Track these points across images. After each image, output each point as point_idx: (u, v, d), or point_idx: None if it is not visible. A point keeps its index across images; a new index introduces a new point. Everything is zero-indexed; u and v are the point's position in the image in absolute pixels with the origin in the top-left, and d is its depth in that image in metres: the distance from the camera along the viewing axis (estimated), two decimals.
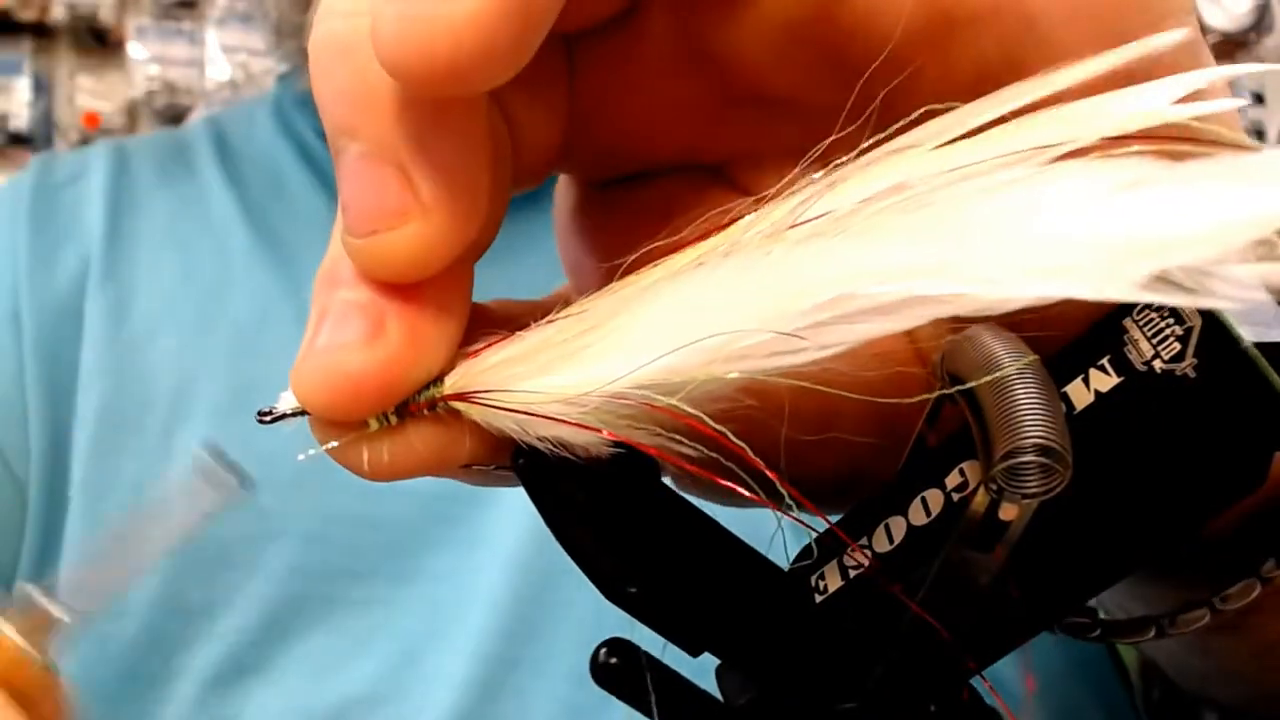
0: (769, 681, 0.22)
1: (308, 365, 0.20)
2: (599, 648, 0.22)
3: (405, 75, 0.18)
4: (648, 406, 0.19)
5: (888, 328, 0.17)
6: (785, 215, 0.19)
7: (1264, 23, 1.70)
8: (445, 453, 0.21)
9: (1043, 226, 0.16)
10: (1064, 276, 0.16)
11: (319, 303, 0.21)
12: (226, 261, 0.60)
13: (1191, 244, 0.15)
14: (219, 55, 1.75)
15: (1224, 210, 0.15)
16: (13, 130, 1.72)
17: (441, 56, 0.18)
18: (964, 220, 0.17)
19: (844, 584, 0.22)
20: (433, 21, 0.18)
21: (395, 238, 0.19)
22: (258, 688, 0.50)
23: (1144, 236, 0.15)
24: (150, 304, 0.59)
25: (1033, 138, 0.18)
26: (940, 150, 0.19)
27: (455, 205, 0.20)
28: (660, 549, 0.21)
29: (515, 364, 0.20)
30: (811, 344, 0.17)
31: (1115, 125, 0.18)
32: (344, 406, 0.20)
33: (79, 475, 0.54)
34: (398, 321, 0.20)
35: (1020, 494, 0.19)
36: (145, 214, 0.63)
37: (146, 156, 0.66)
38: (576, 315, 0.20)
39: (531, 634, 0.50)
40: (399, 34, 0.18)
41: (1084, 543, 0.22)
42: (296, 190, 0.63)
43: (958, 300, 0.16)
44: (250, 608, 0.51)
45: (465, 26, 0.18)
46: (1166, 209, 0.15)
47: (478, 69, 0.18)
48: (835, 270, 0.17)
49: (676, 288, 0.19)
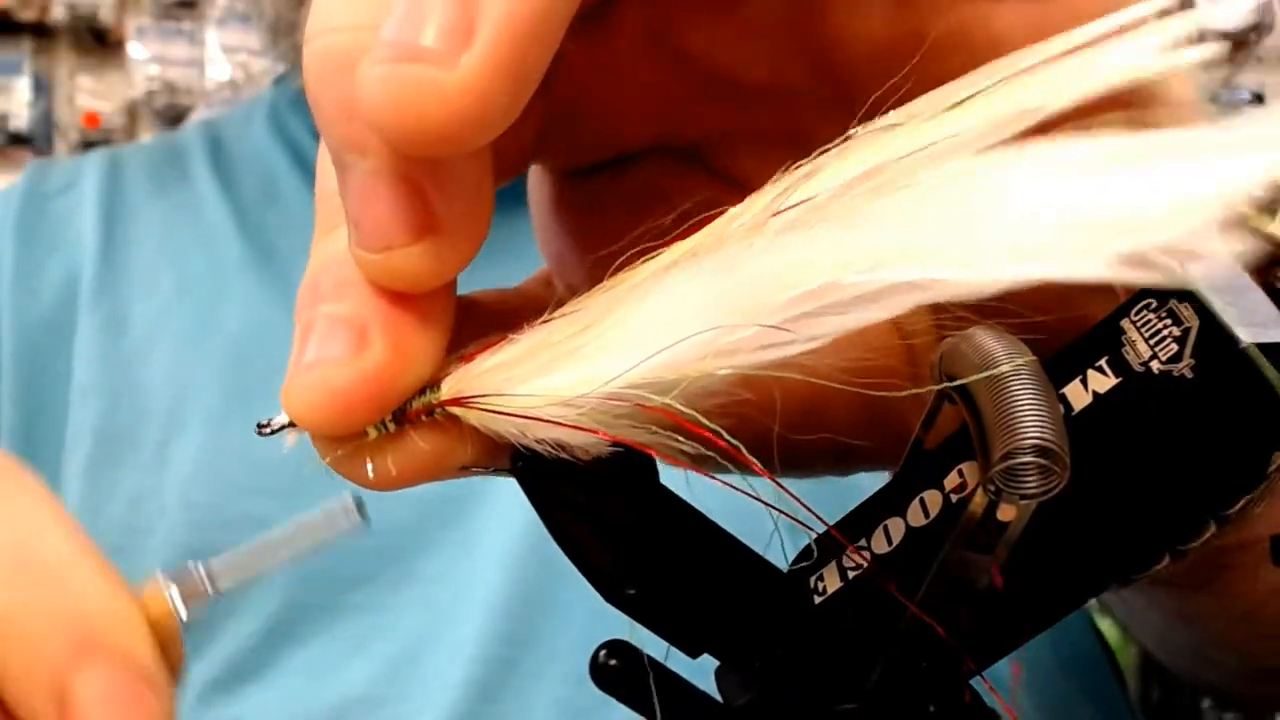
0: (768, 682, 0.22)
1: (296, 384, 0.20)
2: (598, 649, 0.22)
3: (393, 139, 0.18)
4: (641, 406, 0.19)
5: (872, 316, 0.17)
6: (766, 206, 0.19)
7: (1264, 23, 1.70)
8: (445, 458, 0.21)
9: (1015, 209, 0.16)
10: (1036, 258, 0.16)
11: (302, 318, 0.20)
12: (221, 271, 0.60)
13: (1159, 223, 0.15)
14: (219, 55, 1.75)
15: (1189, 187, 0.15)
16: (13, 130, 1.72)
17: (432, 123, 0.17)
18: (940, 204, 0.17)
19: (843, 585, 0.22)
20: (422, 86, 0.17)
21: (410, 254, 0.19)
22: (256, 691, 0.50)
23: (1113, 216, 0.15)
24: (146, 317, 0.59)
25: (1015, 102, 0.18)
26: (920, 126, 0.19)
27: (469, 222, 0.20)
28: (659, 550, 0.21)
29: (511, 367, 0.20)
30: (799, 335, 0.17)
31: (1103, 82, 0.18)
32: (336, 421, 0.20)
33: (76, 491, 0.54)
34: (381, 331, 0.20)
35: (1018, 495, 0.19)
36: (139, 224, 0.63)
37: (140, 165, 0.66)
38: (569, 316, 0.20)
39: (529, 636, 0.50)
40: (388, 99, 0.17)
41: (1083, 543, 0.22)
42: (290, 195, 0.63)
43: (937, 286, 0.16)
44: (249, 614, 0.51)
45: (458, 95, 0.17)
46: (1133, 187, 0.16)
47: (470, 133, 0.18)
48: (817, 259, 0.17)
49: (664, 285, 0.19)
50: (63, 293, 0.60)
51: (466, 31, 0.17)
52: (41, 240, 0.61)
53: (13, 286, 0.59)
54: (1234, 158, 0.15)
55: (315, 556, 0.24)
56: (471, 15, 0.17)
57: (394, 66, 0.17)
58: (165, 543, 0.52)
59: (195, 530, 0.52)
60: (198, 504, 0.53)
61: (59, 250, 0.61)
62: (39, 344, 0.58)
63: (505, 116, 0.18)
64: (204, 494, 0.53)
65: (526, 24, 0.18)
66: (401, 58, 0.17)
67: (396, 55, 0.17)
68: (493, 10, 0.17)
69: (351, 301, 0.20)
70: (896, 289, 0.17)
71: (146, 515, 0.53)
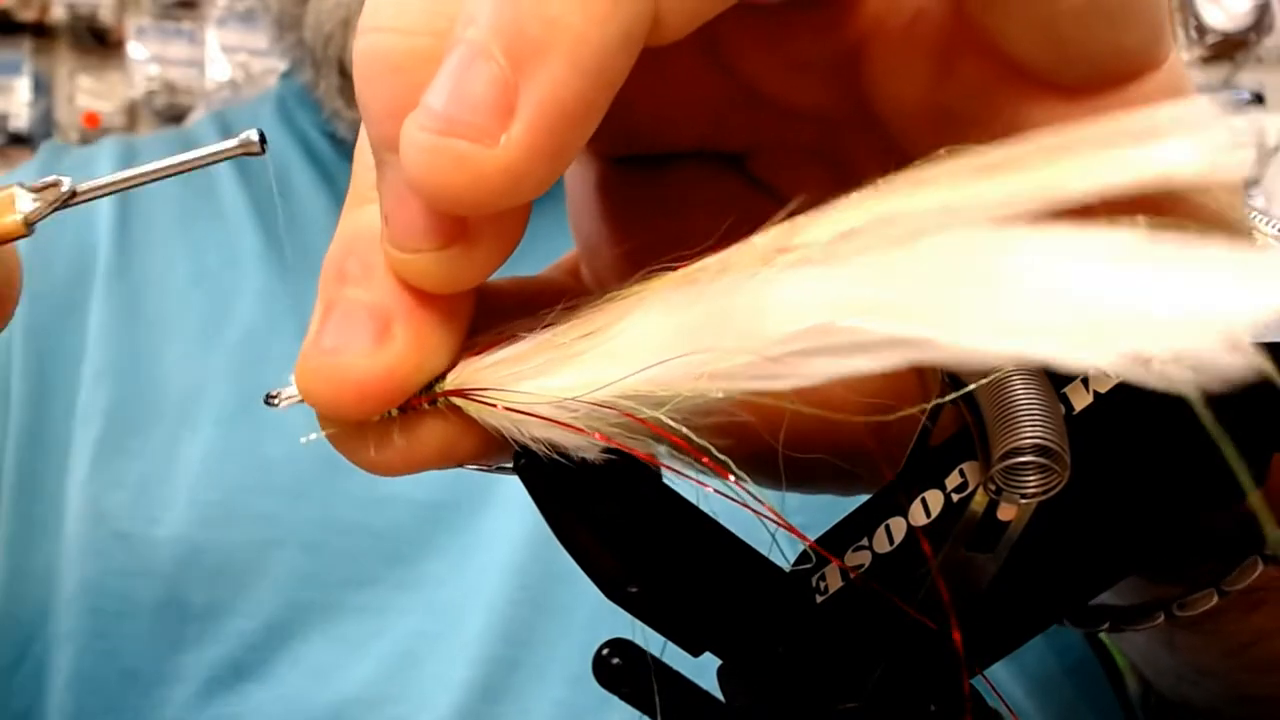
0: (770, 681, 0.22)
1: (312, 364, 0.20)
2: (601, 647, 0.22)
3: (430, 201, 0.19)
4: (630, 418, 0.19)
5: (865, 367, 0.17)
6: (778, 238, 0.19)
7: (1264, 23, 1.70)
8: (446, 447, 0.21)
9: (1026, 285, 0.16)
10: (1038, 338, 0.15)
11: (325, 295, 0.21)
12: (237, 262, 0.60)
13: (1168, 332, 0.15)
14: (219, 55, 1.75)
15: (1205, 305, 0.15)
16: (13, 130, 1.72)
17: (469, 193, 0.18)
18: (950, 266, 0.17)
19: (845, 584, 0.22)
20: (463, 161, 0.18)
21: (438, 259, 0.19)
22: (257, 690, 0.50)
23: (1123, 313, 0.15)
24: (162, 305, 0.59)
25: (1043, 180, 0.18)
26: (944, 184, 0.19)
27: (499, 233, 0.20)
28: (661, 549, 0.21)
29: (514, 364, 0.20)
30: (793, 373, 0.17)
31: (1125, 177, 0.18)
32: (348, 408, 0.20)
33: (84, 469, 0.54)
34: (405, 327, 0.20)
35: (1019, 494, 0.19)
36: (156, 207, 0.62)
37: (156, 151, 0.66)
38: (576, 320, 0.20)
39: (530, 637, 0.50)
40: (429, 167, 0.18)
41: (1083, 543, 0.22)
42: (302, 190, 0.63)
43: (933, 348, 0.16)
44: (251, 613, 0.51)
45: (496, 173, 0.18)
46: (1151, 291, 0.15)
47: (504, 201, 0.18)
48: (818, 299, 0.17)
49: (670, 301, 0.20)
50: (75, 269, 0.59)
51: (508, 108, 0.18)
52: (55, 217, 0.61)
53: (25, 260, 0.59)
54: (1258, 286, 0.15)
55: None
56: (514, 94, 0.18)
57: (437, 138, 0.18)
58: (173, 536, 0.52)
59: (203, 526, 0.52)
60: (206, 502, 0.53)
61: (72, 226, 0.60)
62: (51, 318, 0.58)
63: (540, 189, 0.18)
64: (212, 493, 0.53)
65: (567, 107, 0.18)
66: (444, 130, 0.18)
67: (439, 127, 0.18)
68: (535, 91, 0.18)
69: (378, 291, 0.20)
70: (895, 343, 0.16)
71: (154, 505, 0.53)
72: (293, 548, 0.52)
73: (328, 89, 0.60)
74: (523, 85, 0.18)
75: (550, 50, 0.18)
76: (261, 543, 0.52)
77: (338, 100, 0.60)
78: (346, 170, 0.76)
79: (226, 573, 0.52)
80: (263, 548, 0.52)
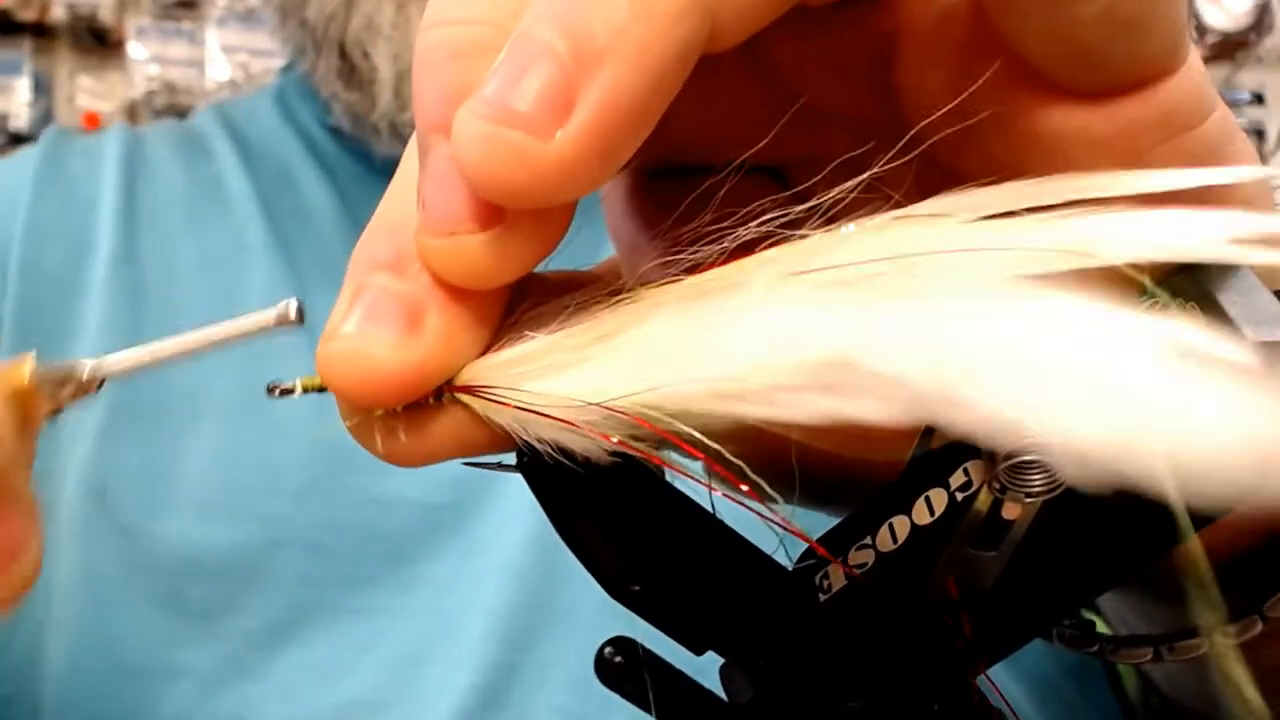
0: (773, 680, 0.22)
1: (337, 348, 0.20)
2: (604, 646, 0.22)
3: (480, 188, 0.19)
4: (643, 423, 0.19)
5: (875, 415, 0.16)
6: (801, 256, 0.19)
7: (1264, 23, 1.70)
8: (452, 441, 0.21)
9: (1048, 362, 0.15)
10: (1052, 420, 0.15)
11: (354, 279, 0.20)
12: (242, 251, 0.60)
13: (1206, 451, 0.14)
14: (219, 55, 1.75)
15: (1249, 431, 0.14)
16: (13, 130, 1.72)
17: (520, 186, 0.18)
18: (973, 323, 0.16)
19: (848, 583, 0.22)
20: (516, 152, 0.18)
21: (475, 242, 0.19)
22: (257, 690, 0.50)
23: (1168, 425, 0.15)
24: (168, 293, 0.58)
25: (1064, 237, 0.18)
26: (962, 223, 0.19)
27: (541, 224, 0.19)
28: (664, 547, 0.21)
29: (523, 363, 0.20)
30: (802, 409, 0.17)
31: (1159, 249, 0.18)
32: (369, 397, 0.20)
33: (86, 455, 0.54)
34: (437, 321, 0.20)
35: (1023, 493, 0.19)
36: (161, 191, 0.62)
37: (161, 139, 0.65)
38: (589, 323, 0.20)
39: (532, 641, 0.50)
40: (481, 156, 0.18)
41: (1087, 542, 0.22)
42: (304, 185, 0.63)
43: (945, 410, 0.16)
44: (253, 612, 0.51)
45: (548, 168, 0.18)
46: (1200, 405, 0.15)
47: (554, 197, 0.18)
48: (836, 328, 0.17)
49: (683, 314, 0.19)
50: (73, 249, 0.59)
51: (566, 105, 0.18)
52: (57, 193, 0.60)
53: (24, 237, 0.58)
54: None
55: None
56: (574, 89, 0.18)
57: (491, 127, 0.18)
58: (176, 533, 0.52)
59: (206, 524, 0.52)
60: (209, 502, 0.53)
61: (73, 206, 0.60)
62: (46, 296, 0.57)
63: (591, 186, 0.18)
64: (216, 493, 0.53)
65: (626, 108, 0.18)
66: (500, 120, 0.18)
67: (495, 116, 0.18)
68: (595, 90, 0.18)
69: (411, 281, 0.20)
70: (905, 393, 0.16)
71: (156, 499, 0.53)
72: (296, 549, 0.52)
73: (326, 70, 0.59)
74: (583, 85, 0.18)
75: (614, 54, 0.18)
76: (265, 543, 0.52)
77: (336, 82, 0.59)
78: (347, 162, 0.75)
79: (229, 572, 0.52)
80: (266, 548, 0.52)
